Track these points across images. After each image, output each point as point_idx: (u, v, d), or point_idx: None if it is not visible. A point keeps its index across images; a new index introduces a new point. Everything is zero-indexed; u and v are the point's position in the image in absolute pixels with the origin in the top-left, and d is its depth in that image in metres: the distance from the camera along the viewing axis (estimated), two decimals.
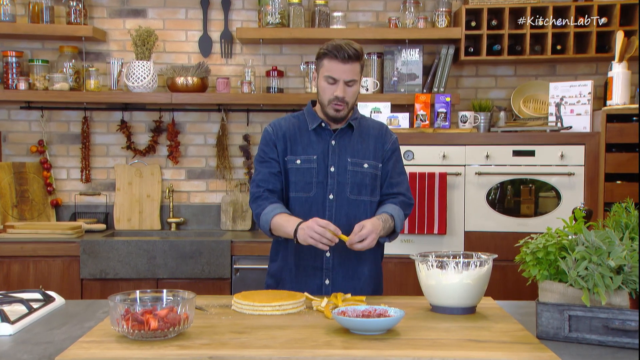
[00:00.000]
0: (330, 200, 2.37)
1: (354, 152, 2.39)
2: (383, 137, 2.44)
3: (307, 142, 2.39)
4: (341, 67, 2.26)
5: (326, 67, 2.28)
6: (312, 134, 2.39)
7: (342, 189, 2.37)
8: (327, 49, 2.28)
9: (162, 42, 4.19)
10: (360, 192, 2.38)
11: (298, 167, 2.37)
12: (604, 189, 3.51)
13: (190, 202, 4.28)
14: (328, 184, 2.36)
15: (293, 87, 4.25)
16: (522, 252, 1.80)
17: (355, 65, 2.28)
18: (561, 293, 1.71)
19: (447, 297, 1.99)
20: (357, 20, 4.20)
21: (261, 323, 1.90)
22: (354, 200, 2.38)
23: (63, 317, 2.01)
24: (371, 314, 1.86)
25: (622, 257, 1.62)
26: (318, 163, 2.37)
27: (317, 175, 2.37)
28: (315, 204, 2.36)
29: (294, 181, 2.38)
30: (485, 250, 3.29)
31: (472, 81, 4.24)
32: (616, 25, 3.82)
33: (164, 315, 1.69)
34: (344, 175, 2.37)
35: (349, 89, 2.30)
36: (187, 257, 3.62)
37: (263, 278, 3.61)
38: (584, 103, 3.69)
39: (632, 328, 1.60)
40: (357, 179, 2.38)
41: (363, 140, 2.41)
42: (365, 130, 2.43)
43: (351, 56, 2.25)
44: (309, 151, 2.38)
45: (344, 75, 2.27)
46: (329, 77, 2.28)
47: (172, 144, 4.19)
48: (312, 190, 2.37)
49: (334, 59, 2.26)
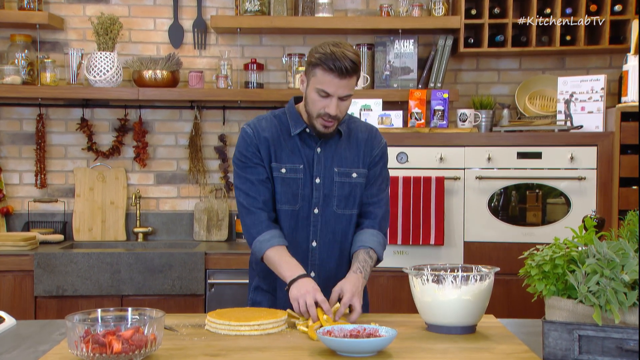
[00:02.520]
0: (315, 215, 2.36)
1: (342, 161, 2.38)
2: (372, 141, 2.43)
3: (292, 148, 2.36)
4: (337, 82, 2.20)
5: (319, 79, 2.22)
6: (296, 139, 2.36)
7: (328, 203, 2.36)
8: (321, 59, 2.19)
9: (128, 31, 4.18)
10: (347, 206, 2.38)
11: (284, 176, 2.34)
12: (619, 194, 3.54)
13: (160, 209, 4.26)
14: (313, 196, 2.35)
15: (274, 81, 4.25)
16: (526, 264, 1.81)
17: (352, 79, 2.23)
18: (570, 310, 1.72)
19: (444, 315, 2.00)
20: (345, 8, 4.22)
21: (238, 344, 1.90)
22: (341, 214, 2.37)
23: (14, 340, 1.99)
24: (360, 334, 1.86)
25: (637, 270, 1.63)
26: (304, 173, 2.35)
27: (302, 187, 2.35)
28: (301, 219, 2.36)
29: (279, 192, 2.35)
30: (487, 262, 3.31)
31: (472, 75, 4.27)
32: (632, 14, 3.86)
33: (128, 336, 1.68)
34: (330, 187, 2.36)
35: (343, 103, 2.26)
36: (155, 271, 3.60)
37: (240, 294, 3.66)
38: (596, 100, 3.72)
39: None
40: (345, 191, 2.37)
41: (351, 146, 2.40)
42: (354, 134, 2.42)
43: (349, 70, 2.18)
44: (295, 159, 2.35)
45: (340, 91, 2.22)
46: (322, 91, 2.22)
47: (139, 144, 4.18)
48: (298, 203, 2.36)
49: (328, 72, 2.19)
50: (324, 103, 2.24)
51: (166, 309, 2.22)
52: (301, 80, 2.33)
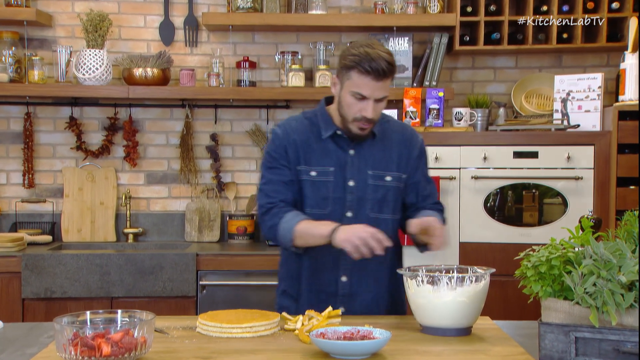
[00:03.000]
0: (349, 218, 2.33)
1: (376, 163, 2.35)
2: (408, 142, 2.40)
3: (322, 150, 2.34)
4: (373, 85, 2.19)
5: (354, 82, 2.20)
6: (328, 141, 2.35)
7: (361, 206, 2.34)
8: (356, 61, 2.18)
9: (117, 28, 4.17)
10: (381, 210, 2.36)
11: (313, 179, 2.33)
12: (616, 194, 3.55)
13: (150, 210, 4.25)
14: (347, 200, 2.34)
15: (267, 80, 4.25)
16: (522, 265, 1.82)
17: (388, 81, 2.21)
18: (567, 312, 1.72)
19: (440, 317, 2.00)
20: (338, 5, 4.22)
21: (230, 347, 1.90)
22: (375, 218, 2.34)
23: (0, 343, 1.99)
24: (354, 336, 1.86)
25: (635, 271, 1.64)
26: (335, 176, 2.33)
27: (334, 190, 2.33)
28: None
29: (308, 195, 2.34)
30: (483, 263, 3.30)
31: (468, 74, 4.28)
32: (629, 11, 3.87)
33: (118, 339, 1.68)
34: (364, 190, 2.34)
35: (379, 105, 2.25)
36: (146, 273, 3.60)
37: (232, 296, 3.66)
38: (594, 98, 3.74)
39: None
40: (379, 195, 2.35)
41: (385, 148, 2.38)
42: (388, 135, 2.39)
43: (385, 72, 2.18)
44: (325, 162, 2.34)
45: (376, 93, 2.21)
46: (357, 94, 2.21)
47: (129, 144, 4.17)
48: (329, 207, 2.34)
49: (365, 75, 2.18)
50: (360, 106, 2.22)
51: (157, 311, 2.22)
52: (333, 83, 2.31)
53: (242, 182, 4.28)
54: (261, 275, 3.68)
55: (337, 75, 2.29)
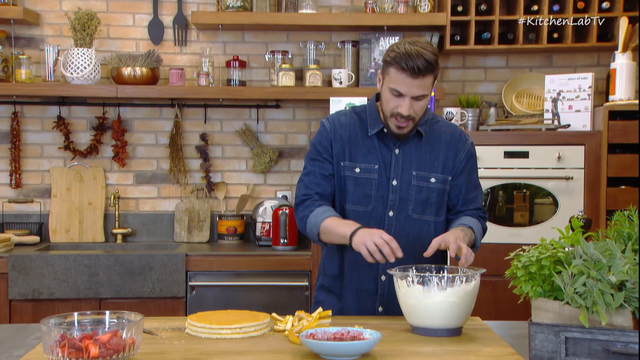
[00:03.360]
0: (390, 217, 2.35)
1: (421, 164, 2.35)
2: (456, 144, 2.39)
3: (368, 147, 2.35)
4: (410, 82, 2.18)
5: (392, 78, 2.21)
6: (374, 139, 2.36)
7: (404, 206, 2.35)
8: (395, 58, 2.19)
9: (106, 27, 4.16)
10: (424, 211, 2.36)
11: (357, 176, 2.35)
12: (606, 194, 3.57)
13: (139, 210, 4.24)
14: (389, 199, 2.34)
15: (257, 79, 4.25)
16: (513, 266, 1.82)
17: (427, 79, 2.20)
18: (557, 312, 1.73)
19: (430, 317, 2.01)
20: (329, 4, 4.22)
21: (219, 348, 1.89)
22: (417, 219, 2.35)
23: None
24: (344, 337, 1.86)
25: (624, 271, 1.65)
26: (379, 174, 2.34)
27: (377, 188, 2.34)
28: (374, 220, 2.34)
29: (351, 191, 2.35)
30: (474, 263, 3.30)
31: (458, 73, 4.29)
32: (619, 11, 3.89)
33: (106, 340, 1.67)
34: (407, 190, 2.34)
35: (418, 103, 2.24)
36: (135, 274, 3.59)
37: (222, 297, 3.66)
38: (584, 98, 3.75)
39: (636, 352, 1.63)
40: (422, 196, 2.35)
41: (432, 149, 2.37)
42: (437, 136, 2.38)
43: (422, 70, 2.16)
44: (371, 159, 2.35)
45: (413, 91, 2.20)
46: (394, 90, 2.22)
47: (118, 143, 4.16)
48: (370, 204, 2.35)
49: (401, 71, 2.18)
50: (397, 102, 2.23)
51: (146, 312, 2.22)
52: (378, 79, 2.32)
53: (232, 182, 4.27)
54: (251, 276, 3.68)
55: (380, 71, 2.31)
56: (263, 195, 4.27)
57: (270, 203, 4.11)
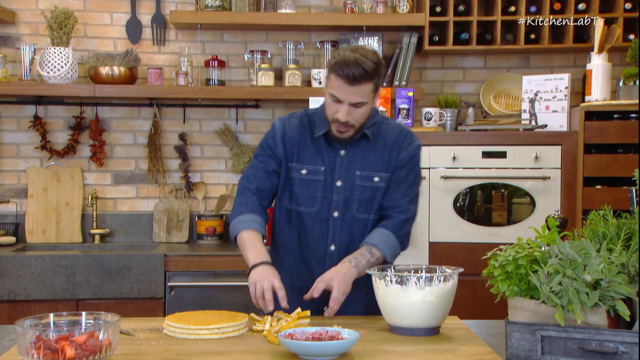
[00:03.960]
0: (335, 218, 2.38)
1: (365, 164, 2.37)
2: (400, 144, 2.40)
3: (316, 149, 2.38)
4: (347, 89, 2.20)
5: (332, 84, 2.24)
6: (321, 140, 2.38)
7: (348, 207, 2.38)
8: (334, 64, 2.21)
9: (83, 26, 4.12)
10: (369, 210, 2.39)
11: (302, 177, 2.38)
12: (583, 194, 3.61)
13: (117, 210, 4.21)
14: (333, 199, 2.37)
15: (236, 79, 4.24)
16: (490, 265, 1.84)
17: (364, 87, 2.20)
18: (533, 311, 1.74)
19: (408, 317, 2.01)
20: (308, 4, 4.22)
21: (197, 349, 1.89)
22: (362, 219, 2.39)
23: None
24: (322, 337, 1.87)
25: (599, 270, 1.66)
26: (325, 176, 2.37)
27: (322, 190, 2.37)
28: (319, 221, 2.38)
29: (296, 193, 2.39)
30: (452, 263, 3.33)
31: (437, 74, 4.30)
32: (595, 12, 3.93)
33: (82, 341, 1.66)
34: (352, 190, 2.37)
35: (357, 110, 2.25)
36: (112, 274, 3.56)
37: (201, 297, 3.64)
38: (561, 99, 3.79)
39: (610, 350, 1.65)
40: (366, 196, 2.38)
41: (378, 149, 2.39)
42: (383, 137, 2.40)
43: (357, 78, 2.17)
44: (317, 160, 2.38)
45: (350, 98, 2.22)
46: (333, 96, 2.24)
47: (95, 143, 4.12)
48: (316, 205, 2.39)
49: (339, 78, 2.20)
50: (336, 108, 2.26)
51: (124, 313, 2.20)
52: (325, 84, 2.35)
53: (211, 182, 4.26)
54: (230, 276, 3.67)
55: (326, 76, 2.33)
56: None
57: None
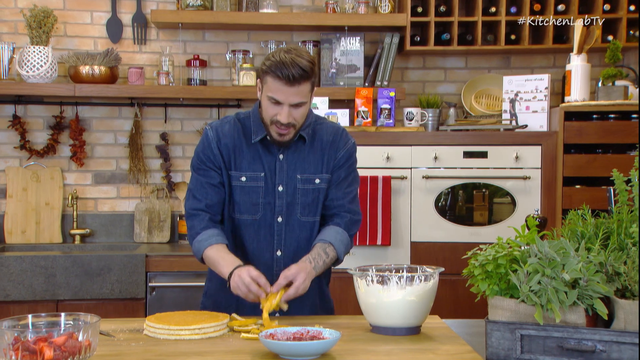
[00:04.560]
0: (279, 223, 2.36)
1: (305, 167, 2.36)
2: (337, 143, 2.39)
3: (253, 155, 2.34)
4: (286, 90, 2.19)
5: (269, 86, 2.21)
6: (258, 146, 2.35)
7: (291, 211, 2.36)
8: (270, 67, 2.19)
9: (63, 25, 4.09)
10: (311, 213, 2.37)
11: (243, 185, 2.34)
12: (562, 194, 3.63)
13: (98, 210, 4.19)
14: (276, 205, 2.35)
15: (218, 78, 4.22)
16: (470, 264, 1.85)
17: (303, 86, 2.20)
18: (513, 310, 1.75)
19: (389, 316, 2.02)
20: (290, 4, 4.22)
21: (178, 349, 1.88)
22: (306, 222, 2.37)
23: None
24: (303, 337, 1.87)
25: (578, 269, 1.68)
26: (265, 181, 2.34)
27: (264, 196, 2.34)
28: (263, 228, 2.35)
29: (238, 201, 2.35)
30: (434, 263, 3.35)
31: (419, 74, 4.32)
32: (575, 13, 3.96)
33: (61, 343, 1.65)
34: (294, 194, 2.35)
35: (297, 111, 2.24)
36: (93, 275, 3.54)
37: (183, 297, 3.62)
38: (541, 99, 3.81)
39: (588, 348, 1.66)
40: (309, 199, 2.36)
41: (315, 151, 2.37)
42: (319, 138, 2.39)
43: (297, 78, 2.17)
44: (256, 167, 2.34)
45: (290, 99, 2.20)
46: (272, 98, 2.22)
47: (76, 143, 4.09)
48: (259, 212, 2.35)
49: (277, 80, 2.18)
50: (276, 110, 2.23)
51: (105, 314, 2.19)
52: (258, 88, 2.31)
53: None
54: None
55: (259, 80, 2.29)
56: None
57: None
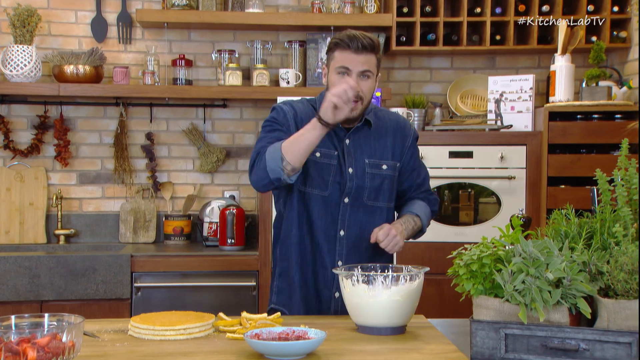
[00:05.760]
0: (345, 204, 2.41)
1: (372, 152, 2.43)
2: (402, 130, 2.49)
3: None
4: (355, 58, 2.28)
5: (337, 59, 2.31)
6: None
7: (359, 194, 2.41)
8: (338, 38, 2.31)
9: (47, 24, 4.07)
10: (377, 198, 2.43)
11: (317, 160, 2.38)
12: (547, 193, 3.65)
13: (83, 210, 4.16)
14: (346, 186, 2.39)
15: (204, 78, 4.21)
16: (455, 264, 1.85)
17: (370, 57, 2.30)
18: (497, 309, 1.76)
19: (374, 316, 2.02)
20: (276, 4, 4.21)
21: (163, 350, 1.87)
22: (370, 206, 2.43)
23: None
24: (289, 337, 1.86)
25: (561, 269, 1.69)
26: (338, 161, 2.39)
27: (334, 175, 2.39)
28: (330, 205, 2.39)
29: (311, 175, 2.38)
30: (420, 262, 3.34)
31: (404, 74, 4.33)
32: (559, 14, 3.98)
33: (45, 343, 1.64)
34: (363, 178, 2.41)
35: (365, 83, 2.31)
36: (78, 275, 3.52)
37: (169, 298, 3.61)
38: (525, 99, 3.83)
39: (572, 347, 1.67)
40: (376, 183, 2.42)
41: (380, 137, 2.45)
42: (383, 124, 2.47)
43: (366, 46, 2.28)
44: (329, 145, 2.39)
45: (359, 66, 2.29)
46: (341, 67, 2.30)
47: (60, 143, 4.07)
48: (328, 190, 2.39)
49: (346, 49, 2.29)
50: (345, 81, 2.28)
51: (89, 315, 2.18)
52: (323, 74, 2.40)
53: (178, 182, 4.23)
54: (198, 277, 3.65)
55: (325, 65, 2.39)
56: (210, 195, 4.24)
57: (217, 203, 4.08)
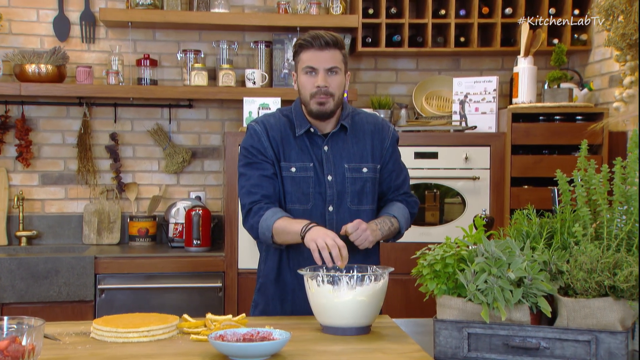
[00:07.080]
0: (330, 212, 2.40)
1: (351, 157, 2.43)
2: (380, 132, 2.49)
3: (300, 146, 2.40)
4: (319, 55, 2.32)
5: (303, 59, 2.34)
6: (304, 138, 2.41)
7: (342, 200, 2.41)
8: (302, 39, 2.34)
9: (7, 22, 4.00)
10: (360, 201, 2.43)
11: (293, 175, 2.39)
12: (510, 194, 3.69)
13: (45, 212, 4.10)
14: (327, 194, 2.39)
15: (169, 78, 4.18)
16: (419, 264, 1.86)
17: (335, 52, 2.33)
18: (460, 309, 1.78)
19: (339, 317, 2.02)
20: (241, 4, 4.20)
21: (126, 352, 1.85)
22: (355, 210, 2.42)
23: None
24: (254, 338, 1.86)
25: (523, 268, 1.71)
26: (315, 171, 2.39)
27: (314, 186, 2.39)
28: (315, 217, 2.37)
29: (289, 191, 2.39)
30: (385, 262, 3.36)
31: (370, 75, 4.34)
32: (522, 16, 4.03)
33: (4, 347, 1.61)
34: (343, 183, 2.41)
35: (333, 78, 2.34)
36: (40, 277, 3.47)
37: (133, 300, 3.58)
38: (489, 101, 3.87)
39: (533, 345, 1.69)
40: (357, 187, 2.42)
41: (358, 140, 2.45)
42: (360, 127, 2.47)
43: (329, 42, 2.31)
44: (305, 158, 2.40)
45: (324, 63, 2.32)
46: (308, 67, 2.33)
47: (22, 143, 4.00)
48: (310, 202, 2.39)
49: (310, 48, 2.33)
50: (313, 80, 2.33)
51: (52, 317, 2.15)
52: (294, 80, 2.43)
53: (143, 183, 4.19)
54: (163, 278, 3.63)
55: (294, 70, 2.41)
56: (176, 196, 4.21)
57: (183, 204, 4.05)
